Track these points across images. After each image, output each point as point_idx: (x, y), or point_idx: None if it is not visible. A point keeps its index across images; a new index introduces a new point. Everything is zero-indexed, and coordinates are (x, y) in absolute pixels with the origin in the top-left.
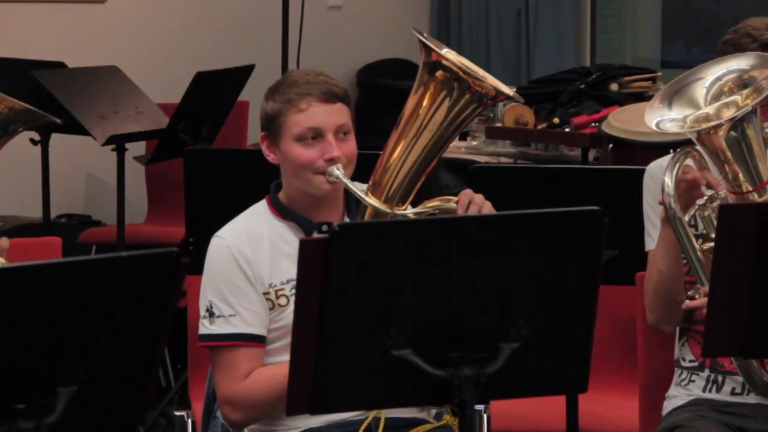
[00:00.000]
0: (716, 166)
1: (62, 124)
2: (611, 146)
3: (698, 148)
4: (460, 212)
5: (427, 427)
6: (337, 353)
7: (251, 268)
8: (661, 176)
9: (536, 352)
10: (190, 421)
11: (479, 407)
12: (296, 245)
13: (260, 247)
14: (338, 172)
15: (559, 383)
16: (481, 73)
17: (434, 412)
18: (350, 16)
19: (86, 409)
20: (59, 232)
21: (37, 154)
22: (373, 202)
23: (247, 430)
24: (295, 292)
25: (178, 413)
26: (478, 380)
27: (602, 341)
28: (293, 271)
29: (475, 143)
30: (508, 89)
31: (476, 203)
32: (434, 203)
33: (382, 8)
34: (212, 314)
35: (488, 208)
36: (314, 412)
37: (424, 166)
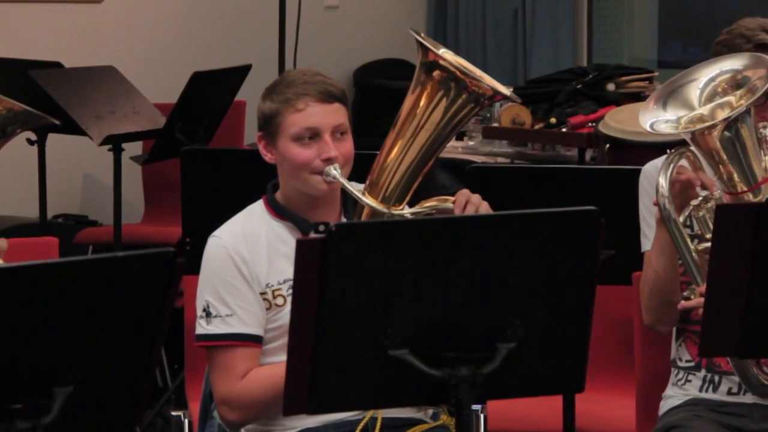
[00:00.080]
0: (711, 166)
1: (61, 125)
2: (608, 146)
3: (693, 148)
4: (457, 212)
5: (424, 427)
6: (334, 353)
7: (248, 268)
8: (656, 177)
9: (533, 352)
10: (186, 421)
11: (476, 407)
12: (293, 245)
13: (257, 247)
14: (335, 172)
15: (555, 383)
16: (478, 73)
17: (431, 412)
18: (347, 16)
19: (83, 409)
20: (56, 232)
21: (33, 153)
22: (370, 202)
23: (243, 430)
24: (291, 292)
25: (175, 413)
26: (474, 380)
27: (599, 341)
28: (290, 271)
29: (472, 143)
30: (505, 89)
31: (473, 203)
32: (431, 203)
33: (378, 8)
34: (209, 314)
35: (485, 208)
36: (311, 412)
37: (421, 166)
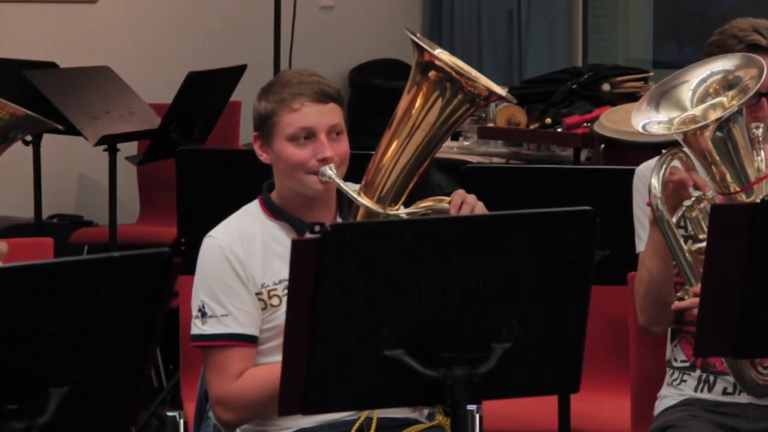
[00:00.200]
0: (703, 167)
1: (63, 129)
2: (603, 146)
3: (685, 149)
4: (452, 212)
5: (419, 427)
6: (329, 353)
7: (243, 268)
8: (649, 178)
9: (528, 352)
10: (182, 421)
11: (471, 407)
12: (288, 245)
13: (252, 247)
14: (331, 172)
15: (551, 383)
16: (473, 73)
17: (426, 412)
18: (342, 16)
19: (78, 409)
20: (51, 232)
21: (28, 154)
22: (365, 202)
23: (239, 430)
24: (287, 292)
25: (170, 414)
26: (470, 380)
27: (594, 341)
28: (285, 271)
29: (467, 143)
30: (500, 89)
31: (468, 203)
32: (427, 203)
33: (374, 8)
34: (204, 314)
35: (480, 208)
36: (306, 412)
37: (416, 166)
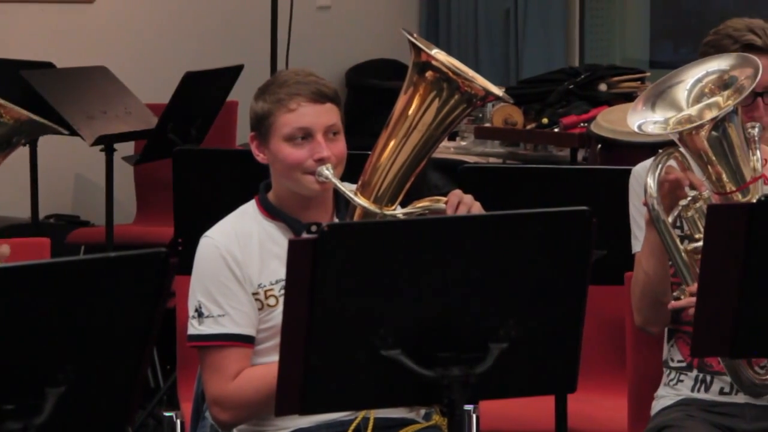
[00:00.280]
0: (699, 167)
1: (67, 133)
2: (600, 146)
3: (681, 149)
4: (449, 212)
5: (416, 427)
6: (326, 354)
7: (240, 268)
8: (645, 178)
9: (525, 352)
10: (179, 421)
11: (468, 407)
12: (285, 245)
13: (249, 247)
14: (327, 172)
15: (548, 383)
16: (470, 73)
17: (423, 412)
18: (339, 16)
19: (75, 409)
20: (48, 232)
21: (25, 154)
22: (362, 202)
23: (236, 430)
24: (284, 292)
25: (167, 414)
26: (467, 380)
27: (591, 341)
28: (282, 271)
29: (464, 143)
30: (497, 90)
31: (465, 203)
32: (423, 203)
33: (371, 8)
34: (201, 314)
35: (477, 208)
36: (303, 412)
37: (413, 166)
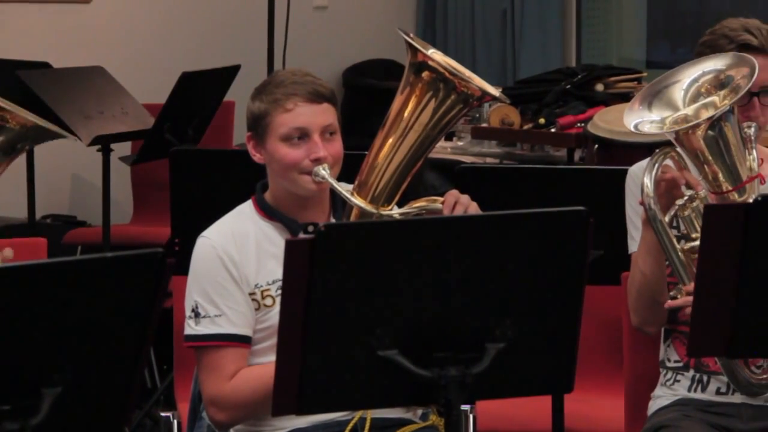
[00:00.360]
0: (696, 166)
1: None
2: (597, 146)
3: (678, 149)
4: (445, 212)
5: (413, 427)
6: (323, 354)
7: (237, 268)
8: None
9: (522, 352)
10: (175, 422)
11: (465, 407)
12: (282, 246)
13: (246, 247)
14: (324, 172)
15: (544, 383)
16: (467, 73)
17: (420, 412)
18: (336, 16)
19: (71, 410)
20: (44, 232)
21: (22, 154)
22: (358, 202)
23: (232, 430)
24: (280, 292)
25: (163, 414)
26: (464, 380)
27: (588, 341)
28: (279, 271)
29: (461, 143)
30: (494, 90)
31: (462, 203)
32: (420, 203)
33: (368, 9)
34: (198, 314)
35: (474, 208)
36: (300, 412)
37: (410, 166)
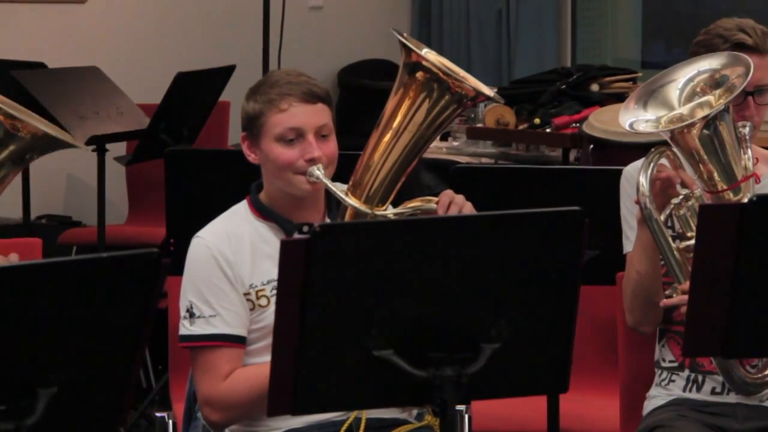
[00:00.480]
0: (691, 165)
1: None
2: (592, 147)
3: (673, 148)
4: (440, 213)
5: (408, 427)
6: (318, 354)
7: (231, 268)
8: (636, 178)
9: (517, 352)
10: (171, 422)
11: (460, 408)
12: (277, 246)
13: (241, 247)
14: (319, 172)
15: (540, 383)
16: (461, 73)
17: (415, 412)
18: (331, 16)
19: (67, 410)
20: (39, 233)
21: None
22: (353, 202)
23: (228, 430)
24: (275, 292)
25: (159, 414)
26: (459, 380)
27: (583, 341)
28: (274, 271)
29: (456, 144)
30: (488, 90)
31: (457, 203)
32: (415, 203)
33: (363, 9)
34: (192, 315)
35: (469, 208)
36: (295, 412)
37: (404, 166)
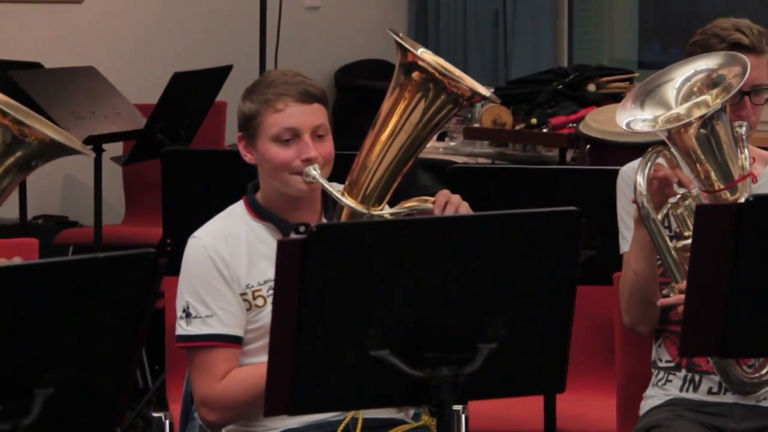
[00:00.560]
0: (688, 165)
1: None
2: (588, 147)
3: (670, 147)
4: (436, 213)
5: (405, 427)
6: (315, 354)
7: (228, 268)
8: (633, 178)
9: (514, 352)
10: (167, 422)
11: (457, 408)
12: (273, 246)
13: (237, 247)
14: (315, 172)
15: (536, 383)
16: (457, 73)
17: (412, 412)
18: (328, 16)
19: (63, 410)
20: (36, 233)
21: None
22: (349, 202)
23: (224, 430)
24: (272, 293)
25: (155, 414)
26: (456, 380)
27: (580, 341)
28: (270, 271)
29: (453, 144)
30: (484, 90)
31: (453, 203)
32: (411, 203)
33: (359, 9)
34: (189, 315)
35: (465, 208)
36: (292, 412)
37: (400, 166)
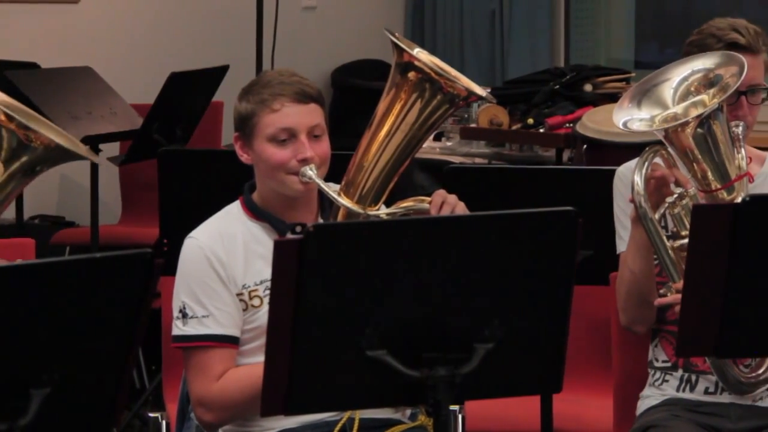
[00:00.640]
0: (685, 165)
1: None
2: (585, 147)
3: (667, 147)
4: (433, 213)
5: (401, 427)
6: (311, 354)
7: (224, 269)
8: (630, 178)
9: (511, 352)
10: (164, 422)
11: (454, 408)
12: (270, 246)
13: (234, 247)
14: (311, 172)
15: (533, 383)
16: (453, 73)
17: (409, 412)
18: (325, 16)
19: (60, 410)
20: (32, 233)
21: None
22: (345, 202)
23: (221, 430)
24: (268, 293)
25: (152, 415)
26: (452, 381)
27: (577, 341)
28: (267, 272)
29: (449, 144)
30: (480, 90)
31: (449, 203)
32: (407, 203)
33: (356, 9)
34: (185, 315)
35: (461, 208)
36: (289, 412)
37: (396, 166)
